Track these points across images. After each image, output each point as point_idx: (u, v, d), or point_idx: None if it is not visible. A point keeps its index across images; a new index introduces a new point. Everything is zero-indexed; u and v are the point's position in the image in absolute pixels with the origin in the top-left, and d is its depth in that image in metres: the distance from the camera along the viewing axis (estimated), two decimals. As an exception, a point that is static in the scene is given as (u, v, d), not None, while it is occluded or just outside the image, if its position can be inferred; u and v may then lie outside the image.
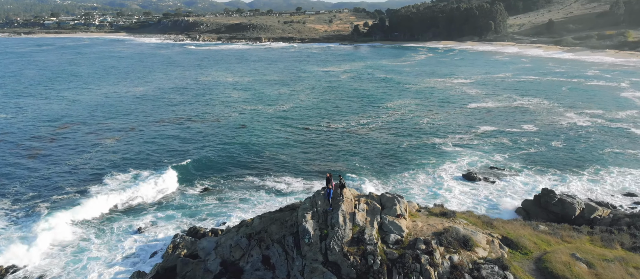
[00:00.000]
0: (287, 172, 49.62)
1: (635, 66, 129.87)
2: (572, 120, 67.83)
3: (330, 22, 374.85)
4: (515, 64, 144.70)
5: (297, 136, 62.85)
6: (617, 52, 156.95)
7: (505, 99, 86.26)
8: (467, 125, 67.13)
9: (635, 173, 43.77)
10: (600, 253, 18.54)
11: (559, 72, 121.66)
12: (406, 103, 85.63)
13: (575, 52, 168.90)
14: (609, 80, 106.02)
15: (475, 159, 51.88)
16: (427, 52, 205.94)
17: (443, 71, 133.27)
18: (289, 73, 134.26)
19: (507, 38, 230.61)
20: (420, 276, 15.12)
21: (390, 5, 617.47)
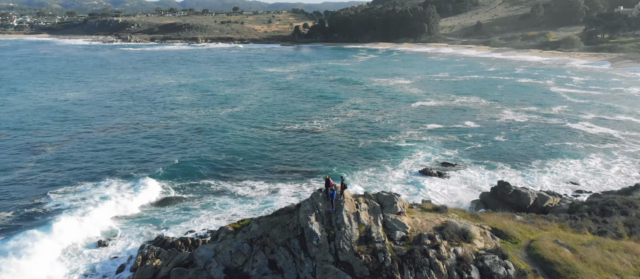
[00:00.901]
0: (249, 176, 49.09)
1: (557, 64, 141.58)
2: (510, 116, 72.67)
3: (269, 23, 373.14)
4: (451, 64, 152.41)
5: (254, 138, 62.22)
6: (541, 52, 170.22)
7: (446, 98, 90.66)
8: (416, 123, 69.87)
9: (575, 163, 47.96)
10: (576, 238, 20.36)
11: (492, 71, 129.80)
12: (356, 103, 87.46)
13: (503, 52, 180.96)
14: (536, 77, 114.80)
15: (429, 155, 54.21)
16: (367, 53, 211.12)
17: (386, 72, 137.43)
18: (235, 75, 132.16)
19: (440, 39, 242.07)
20: (431, 269, 15.83)
21: (326, 6, 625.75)
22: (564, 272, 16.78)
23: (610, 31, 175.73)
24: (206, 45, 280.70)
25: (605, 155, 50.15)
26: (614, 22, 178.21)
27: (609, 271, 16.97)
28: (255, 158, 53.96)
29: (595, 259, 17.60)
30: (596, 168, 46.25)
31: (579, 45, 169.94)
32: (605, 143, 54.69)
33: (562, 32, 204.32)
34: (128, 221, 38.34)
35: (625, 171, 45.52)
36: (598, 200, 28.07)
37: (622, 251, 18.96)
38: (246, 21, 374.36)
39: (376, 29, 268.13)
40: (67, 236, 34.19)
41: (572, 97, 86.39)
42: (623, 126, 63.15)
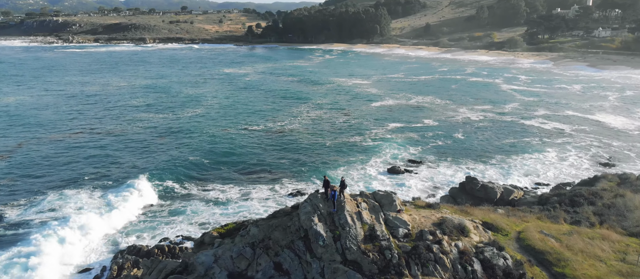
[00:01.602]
0: (218, 179, 48.32)
1: (504, 63, 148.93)
2: (466, 114, 75.69)
3: (220, 23, 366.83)
4: (405, 65, 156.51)
5: (220, 140, 61.13)
6: (487, 52, 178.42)
7: (403, 97, 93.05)
8: (379, 122, 71.25)
9: (533, 157, 50.77)
10: (557, 228, 21.71)
11: (444, 71, 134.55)
12: (319, 103, 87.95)
13: (452, 52, 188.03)
14: (486, 76, 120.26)
15: (395, 152, 55.53)
16: (323, 54, 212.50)
17: (344, 72, 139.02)
18: (192, 76, 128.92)
19: (392, 40, 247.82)
20: (436, 264, 16.36)
21: (278, 6, 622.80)
22: (555, 260, 17.89)
23: (550, 32, 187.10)
24: (155, 45, 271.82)
25: (560, 149, 53.48)
26: (553, 23, 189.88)
27: (593, 258, 18.26)
28: (222, 161, 53.07)
29: (580, 247, 18.89)
30: (552, 162, 49.22)
31: (522, 45, 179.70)
32: (558, 138, 58.28)
33: (506, 33, 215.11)
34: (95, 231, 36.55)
35: (578, 163, 48.79)
36: (566, 192, 29.99)
37: (600, 238, 20.44)
38: (196, 21, 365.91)
39: (330, 29, 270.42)
40: (36, 251, 32.15)
41: (521, 94, 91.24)
42: (572, 121, 67.54)
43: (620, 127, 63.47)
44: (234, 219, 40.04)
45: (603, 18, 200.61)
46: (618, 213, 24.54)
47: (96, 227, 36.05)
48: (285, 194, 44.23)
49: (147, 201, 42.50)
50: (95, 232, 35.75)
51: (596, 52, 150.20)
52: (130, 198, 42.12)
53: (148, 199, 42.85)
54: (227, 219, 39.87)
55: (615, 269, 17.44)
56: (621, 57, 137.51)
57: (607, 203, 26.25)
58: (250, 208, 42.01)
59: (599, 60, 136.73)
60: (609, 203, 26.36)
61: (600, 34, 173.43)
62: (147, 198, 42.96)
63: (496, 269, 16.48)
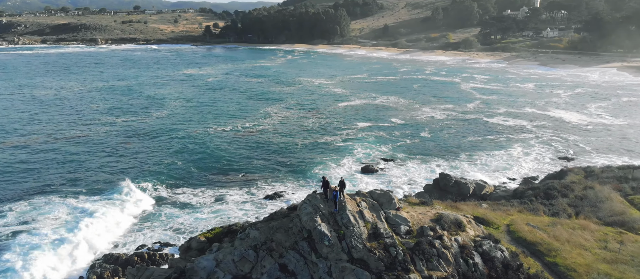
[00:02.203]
0: (189, 182, 47.33)
1: (460, 63, 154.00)
2: (430, 113, 77.75)
3: (175, 22, 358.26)
4: (366, 65, 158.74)
5: (188, 143, 59.91)
6: (444, 52, 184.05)
7: (369, 97, 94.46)
8: (347, 122, 71.99)
9: (500, 153, 52.94)
10: (540, 220, 22.88)
11: (405, 72, 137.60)
12: (286, 104, 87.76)
13: (411, 53, 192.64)
14: (445, 76, 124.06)
15: (367, 151, 56.33)
16: (285, 54, 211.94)
17: (308, 72, 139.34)
18: (151, 78, 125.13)
19: (353, 41, 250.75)
20: (440, 258, 16.87)
21: (234, 6, 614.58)
22: (546, 250, 18.89)
23: (502, 32, 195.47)
24: (108, 46, 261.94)
25: (524, 144, 56.07)
26: (505, 24, 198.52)
27: (578, 247, 19.41)
28: (193, 164, 51.99)
29: (565, 238, 20.02)
30: (518, 157, 51.55)
31: (476, 46, 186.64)
32: (521, 134, 61.05)
33: (460, 34, 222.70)
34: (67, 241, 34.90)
35: (541, 158, 51.37)
36: (540, 185, 31.57)
37: (580, 228, 21.74)
38: (150, 21, 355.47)
39: (291, 30, 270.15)
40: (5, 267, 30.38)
41: (481, 93, 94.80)
42: (532, 118, 70.90)
43: (575, 122, 67.34)
44: (211, 223, 39.40)
45: (550, 19, 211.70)
46: (590, 204, 26.14)
47: (68, 237, 34.40)
48: (263, 197, 43.90)
49: (118, 208, 41.00)
50: (67, 242, 34.11)
51: (546, 52, 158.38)
52: (100, 205, 40.54)
53: (119, 205, 41.34)
54: (204, 223, 39.17)
55: (600, 257, 18.62)
56: (569, 56, 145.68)
57: (579, 195, 27.89)
58: (228, 211, 41.41)
59: (549, 59, 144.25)
60: (580, 195, 28.01)
61: (549, 34, 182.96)
62: (118, 204, 41.44)
63: (495, 261, 17.22)
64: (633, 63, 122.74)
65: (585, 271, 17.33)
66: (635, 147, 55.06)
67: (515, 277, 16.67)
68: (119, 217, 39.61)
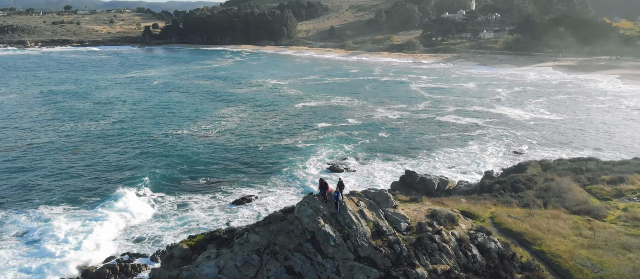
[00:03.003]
0: (147, 190, 45.45)
1: (406, 64, 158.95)
2: (384, 113, 79.75)
3: (111, 23, 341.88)
4: (317, 67, 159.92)
5: (142, 149, 57.59)
6: (390, 54, 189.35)
7: (323, 98, 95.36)
8: (306, 123, 72.29)
9: (455, 151, 55.40)
10: (516, 212, 24.39)
11: (354, 73, 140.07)
12: (241, 106, 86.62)
13: (358, 54, 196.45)
14: (394, 77, 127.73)
15: (330, 152, 56.95)
16: (232, 55, 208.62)
17: (259, 73, 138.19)
18: (91, 82, 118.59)
19: (300, 42, 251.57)
20: (441, 252, 17.59)
21: (174, 6, 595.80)
22: (531, 240, 20.21)
23: (443, 34, 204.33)
24: (39, 49, 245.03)
25: (478, 141, 59.07)
26: (445, 27, 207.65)
27: (557, 235, 20.94)
28: (149, 171, 50.06)
29: (545, 227, 21.53)
30: (475, 153, 54.25)
31: (419, 47, 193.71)
32: (475, 131, 64.21)
33: (403, 36, 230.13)
34: (20, 255, 32.56)
35: (496, 152, 54.43)
36: (507, 179, 33.50)
37: (553, 218, 23.41)
38: (83, 21, 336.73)
39: (236, 30, 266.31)
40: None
41: (429, 93, 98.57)
42: (481, 115, 74.71)
43: (518, 119, 71.86)
44: (178, 231, 38.32)
45: (485, 21, 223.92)
46: (555, 195, 28.18)
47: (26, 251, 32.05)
48: (231, 202, 43.15)
49: (75, 218, 38.77)
50: (19, 256, 31.79)
51: (484, 52, 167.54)
52: (56, 216, 38.20)
53: (76, 217, 39.09)
54: (172, 232, 37.99)
55: (578, 243, 20.21)
56: (506, 57, 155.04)
57: (543, 187, 29.97)
58: (196, 218, 40.37)
59: (488, 60, 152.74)
60: (544, 187, 30.10)
61: (485, 36, 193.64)
62: (74, 215, 39.23)
63: (491, 252, 18.22)
64: (564, 63, 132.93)
65: (569, 257, 18.77)
66: (574, 140, 59.69)
67: (510, 266, 17.74)
68: (77, 228, 37.45)
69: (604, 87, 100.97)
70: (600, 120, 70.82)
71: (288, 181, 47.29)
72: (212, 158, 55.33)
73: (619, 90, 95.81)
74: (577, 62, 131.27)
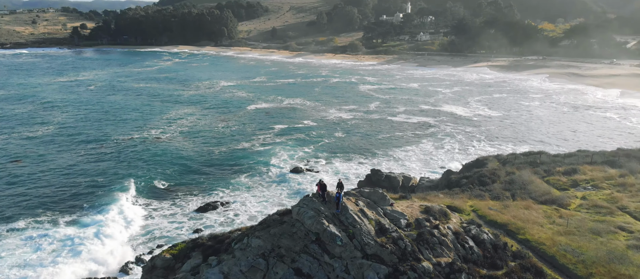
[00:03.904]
0: (104, 200, 43.17)
1: (351, 66, 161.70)
2: (337, 114, 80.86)
3: (34, 24, 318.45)
4: (263, 68, 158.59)
5: (90, 157, 54.48)
6: (334, 55, 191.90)
7: (275, 100, 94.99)
8: (261, 126, 71.68)
9: (412, 148, 57.39)
10: (493, 204, 25.87)
11: (302, 74, 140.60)
12: (189, 110, 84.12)
13: (303, 56, 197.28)
14: (341, 78, 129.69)
15: (290, 153, 56.93)
16: (171, 57, 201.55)
17: (203, 76, 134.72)
18: (20, 88, 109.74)
19: (242, 43, 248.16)
20: (442, 246, 18.36)
21: (102, 5, 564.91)
22: (516, 229, 21.59)
23: (383, 36, 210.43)
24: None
25: (432, 138, 61.59)
26: (384, 29, 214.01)
27: (535, 223, 22.53)
28: (104, 180, 47.53)
29: (523, 217, 23.07)
30: (430, 150, 56.57)
31: (362, 49, 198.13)
32: (427, 129, 66.83)
33: (345, 37, 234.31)
34: None
35: (452, 148, 57.08)
36: (472, 174, 35.28)
37: (525, 208, 25.11)
38: (2, 22, 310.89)
39: (173, 31, 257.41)
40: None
41: (377, 93, 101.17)
42: (430, 113, 77.89)
43: (464, 116, 75.79)
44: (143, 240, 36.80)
45: (421, 24, 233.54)
46: (520, 187, 30.16)
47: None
48: (194, 209, 41.99)
49: (28, 234, 36.03)
50: None
51: (422, 54, 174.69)
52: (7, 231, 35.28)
53: (30, 232, 36.32)
54: (135, 242, 36.38)
55: (555, 231, 21.87)
56: (443, 58, 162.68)
57: (507, 180, 31.97)
58: (159, 226, 38.95)
59: (427, 61, 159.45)
60: (507, 180, 32.11)
61: (422, 38, 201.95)
62: (25, 229, 36.47)
63: (485, 243, 19.27)
64: (497, 63, 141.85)
65: (551, 244, 20.30)
66: (517, 135, 63.91)
67: (503, 255, 18.88)
68: (28, 243, 34.82)
69: (535, 85, 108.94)
70: (536, 115, 76.37)
71: (251, 185, 46.71)
72: (168, 163, 53.42)
73: (548, 88, 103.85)
74: (509, 62, 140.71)
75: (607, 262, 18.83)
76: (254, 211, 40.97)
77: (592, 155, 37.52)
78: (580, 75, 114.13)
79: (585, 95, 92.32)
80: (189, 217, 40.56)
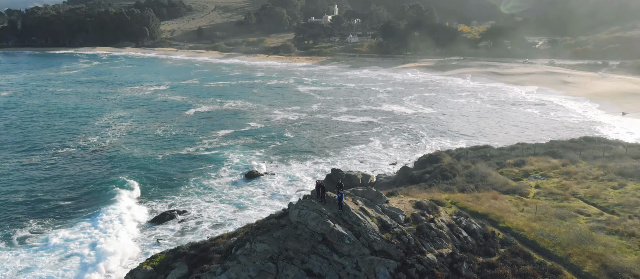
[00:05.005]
0: (45, 215, 40.01)
1: (286, 67, 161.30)
2: (283, 115, 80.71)
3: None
4: (194, 70, 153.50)
5: (24, 169, 49.78)
6: (267, 56, 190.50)
7: (214, 103, 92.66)
8: (204, 130, 69.73)
9: (363, 147, 58.91)
10: (464, 197, 27.59)
11: (237, 75, 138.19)
12: (121, 115, 79.77)
13: (234, 56, 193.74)
14: (278, 79, 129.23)
15: (242, 157, 56.06)
16: (89, 59, 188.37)
17: (129, 79, 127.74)
18: None
19: (166, 44, 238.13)
20: (440, 238, 19.39)
21: (3, 4, 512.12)
22: (496, 218, 23.28)
23: (314, 38, 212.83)
24: None
25: (379, 136, 63.62)
26: (315, 30, 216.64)
27: (509, 213, 24.45)
28: (42, 194, 43.86)
29: (497, 207, 24.94)
30: (379, 148, 58.49)
31: (294, 50, 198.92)
32: (373, 128, 68.83)
33: (275, 38, 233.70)
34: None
35: (400, 145, 59.41)
36: (434, 168, 37.16)
37: (494, 199, 27.17)
38: None
39: (88, 31, 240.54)
40: None
41: (318, 94, 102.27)
42: (372, 113, 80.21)
43: (404, 114, 79.14)
44: (100, 257, 34.44)
45: (349, 26, 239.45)
46: (480, 179, 32.43)
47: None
48: (149, 220, 40.15)
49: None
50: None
51: (354, 55, 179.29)
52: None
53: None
54: (62, 262, 33.95)
55: (527, 217, 23.93)
56: (374, 59, 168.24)
57: (466, 173, 34.22)
58: (119, 241, 36.66)
59: (359, 62, 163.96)
60: (466, 173, 34.37)
61: (352, 40, 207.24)
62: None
63: (477, 233, 20.63)
64: (424, 64, 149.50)
65: (529, 230, 22.20)
66: (454, 130, 67.64)
67: (494, 243, 20.36)
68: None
69: (460, 83, 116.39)
70: (466, 112, 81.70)
71: (205, 191, 45.38)
72: (111, 173, 50.42)
73: (472, 86, 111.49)
74: (434, 63, 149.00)
75: (579, 243, 21.01)
76: (216, 217, 39.93)
77: (534, 147, 41.28)
78: (499, 74, 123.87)
79: (507, 93, 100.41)
80: (144, 228, 38.72)
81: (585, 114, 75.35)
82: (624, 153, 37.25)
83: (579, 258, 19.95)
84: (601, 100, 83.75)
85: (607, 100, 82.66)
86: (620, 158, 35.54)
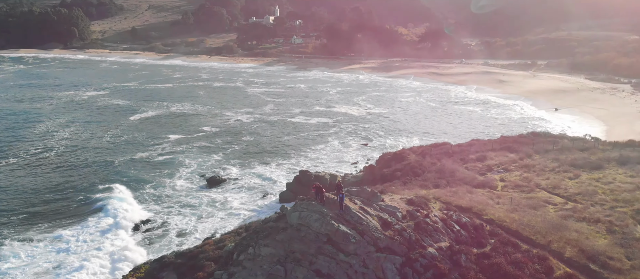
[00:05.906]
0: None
1: (231, 68, 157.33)
2: (235, 117, 79.36)
3: None
4: (131, 72, 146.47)
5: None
6: (210, 57, 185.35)
7: (159, 107, 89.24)
8: (154, 135, 67.17)
9: (322, 147, 59.36)
10: (443, 192, 28.77)
11: (180, 78, 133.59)
12: (62, 121, 75.18)
13: (174, 58, 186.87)
14: (225, 81, 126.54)
15: (199, 162, 54.73)
16: (13, 62, 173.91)
17: (63, 83, 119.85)
18: None
19: (97, 45, 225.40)
20: (437, 232, 20.17)
21: None
22: (479, 211, 24.45)
23: (257, 38, 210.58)
24: None
25: (336, 137, 64.37)
26: (258, 31, 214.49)
27: (488, 205, 25.83)
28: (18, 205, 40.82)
29: (477, 200, 26.27)
30: (339, 148, 59.25)
31: (238, 51, 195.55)
32: (329, 128, 69.42)
33: (215, 39, 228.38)
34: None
35: (357, 144, 60.54)
36: (404, 166, 38.28)
37: (469, 193, 28.63)
38: None
39: (10, 32, 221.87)
40: None
41: (268, 96, 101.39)
42: (326, 114, 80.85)
43: (357, 114, 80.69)
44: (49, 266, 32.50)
45: (292, 27, 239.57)
46: (449, 175, 33.93)
47: None
48: (102, 229, 38.24)
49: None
50: None
51: (300, 56, 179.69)
52: None
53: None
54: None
55: (504, 209, 25.44)
56: (320, 60, 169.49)
57: (435, 169, 35.69)
58: (74, 251, 34.72)
59: (305, 63, 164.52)
60: (435, 169, 35.85)
61: (296, 41, 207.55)
62: None
63: (468, 226, 21.67)
64: (368, 65, 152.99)
65: (510, 221, 23.63)
66: (406, 128, 70.13)
67: (483, 234, 21.49)
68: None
69: (404, 84, 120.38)
70: (414, 111, 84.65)
71: (165, 200, 43.72)
72: (59, 182, 47.70)
73: (416, 86, 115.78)
74: (378, 64, 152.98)
75: (556, 231, 22.70)
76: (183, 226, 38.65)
77: (491, 143, 43.83)
78: (439, 74, 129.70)
79: (448, 92, 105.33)
80: (93, 235, 36.96)
81: (523, 111, 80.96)
82: (571, 145, 40.56)
83: (559, 244, 21.54)
84: (535, 97, 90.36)
85: (540, 97, 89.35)
86: (569, 150, 38.67)
